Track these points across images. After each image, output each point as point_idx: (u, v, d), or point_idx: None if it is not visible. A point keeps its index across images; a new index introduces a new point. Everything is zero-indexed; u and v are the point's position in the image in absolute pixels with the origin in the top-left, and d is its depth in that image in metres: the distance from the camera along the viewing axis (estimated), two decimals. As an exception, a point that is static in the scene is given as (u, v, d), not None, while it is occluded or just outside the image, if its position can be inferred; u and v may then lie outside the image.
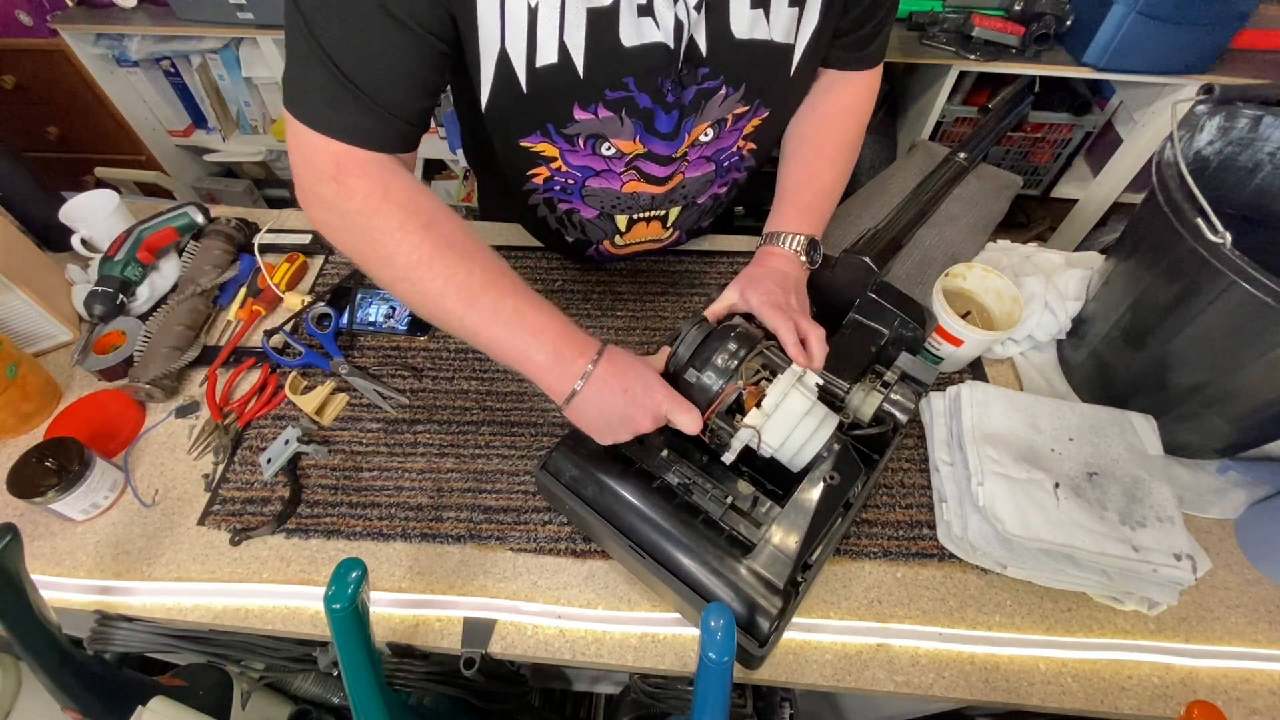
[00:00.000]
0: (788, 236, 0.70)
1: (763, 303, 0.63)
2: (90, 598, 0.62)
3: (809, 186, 0.73)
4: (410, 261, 0.51)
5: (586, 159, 0.64)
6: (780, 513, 0.54)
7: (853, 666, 0.57)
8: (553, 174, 0.67)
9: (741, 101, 0.62)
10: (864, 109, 0.74)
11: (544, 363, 0.53)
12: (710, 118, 0.63)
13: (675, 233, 0.81)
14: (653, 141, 0.62)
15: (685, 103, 0.59)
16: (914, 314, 0.65)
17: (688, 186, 0.71)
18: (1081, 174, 1.72)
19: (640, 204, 0.71)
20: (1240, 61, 1.37)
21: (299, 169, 0.53)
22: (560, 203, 0.72)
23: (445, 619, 0.60)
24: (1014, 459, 0.62)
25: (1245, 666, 0.58)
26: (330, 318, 0.79)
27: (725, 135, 0.66)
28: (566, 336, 0.54)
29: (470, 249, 0.53)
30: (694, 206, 0.76)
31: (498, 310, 0.52)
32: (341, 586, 0.42)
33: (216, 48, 1.63)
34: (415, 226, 0.51)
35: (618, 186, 0.68)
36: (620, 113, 0.59)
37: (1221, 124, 0.66)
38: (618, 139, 0.62)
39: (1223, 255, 0.53)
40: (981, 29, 1.37)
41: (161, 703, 0.55)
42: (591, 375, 0.53)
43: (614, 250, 0.81)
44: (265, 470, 0.68)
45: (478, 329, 0.53)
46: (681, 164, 0.67)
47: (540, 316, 0.53)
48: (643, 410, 0.54)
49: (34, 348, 0.80)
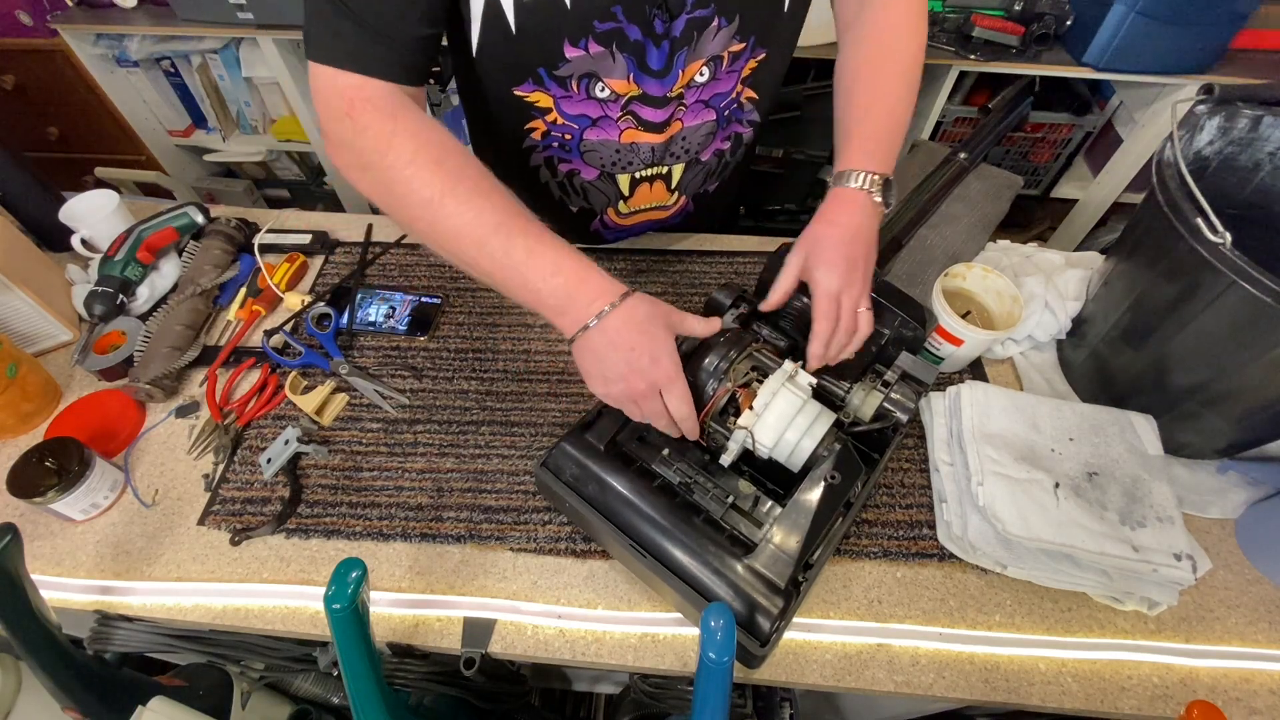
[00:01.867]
0: (859, 175, 0.61)
1: (819, 287, 0.58)
2: (90, 598, 0.62)
3: (875, 117, 0.64)
4: (423, 198, 0.52)
5: (582, 105, 0.64)
6: (781, 512, 0.54)
7: (853, 666, 0.57)
8: (549, 127, 0.67)
9: (736, 37, 0.62)
10: (917, 24, 0.66)
11: (556, 305, 0.53)
12: (704, 54, 0.62)
13: (681, 198, 0.79)
14: (646, 81, 0.62)
15: (676, 35, 0.58)
16: (914, 313, 0.65)
17: (688, 138, 0.70)
18: (1081, 174, 1.72)
19: (640, 158, 0.70)
20: (1240, 61, 1.37)
21: (320, 115, 0.55)
22: (561, 162, 0.72)
23: (445, 619, 0.60)
24: (1014, 459, 0.62)
25: (1245, 666, 0.58)
26: (330, 318, 0.79)
27: (723, 77, 0.65)
28: (582, 277, 0.52)
29: (483, 186, 0.53)
30: (698, 165, 0.75)
31: (510, 250, 0.52)
32: (341, 586, 0.42)
33: (216, 48, 1.63)
34: (426, 160, 0.52)
35: (615, 136, 0.67)
36: (611, 46, 0.58)
37: (1221, 124, 0.66)
38: (610, 78, 0.61)
39: (1223, 255, 0.53)
40: (981, 29, 1.37)
41: (161, 703, 0.55)
42: (606, 320, 0.52)
43: (619, 220, 0.80)
44: (265, 470, 0.68)
45: (490, 270, 0.53)
46: (678, 108, 0.66)
47: (555, 256, 0.52)
48: (639, 376, 0.52)
49: (34, 348, 0.80)
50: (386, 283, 0.87)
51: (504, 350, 0.79)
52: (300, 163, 1.95)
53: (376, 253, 0.90)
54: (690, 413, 0.54)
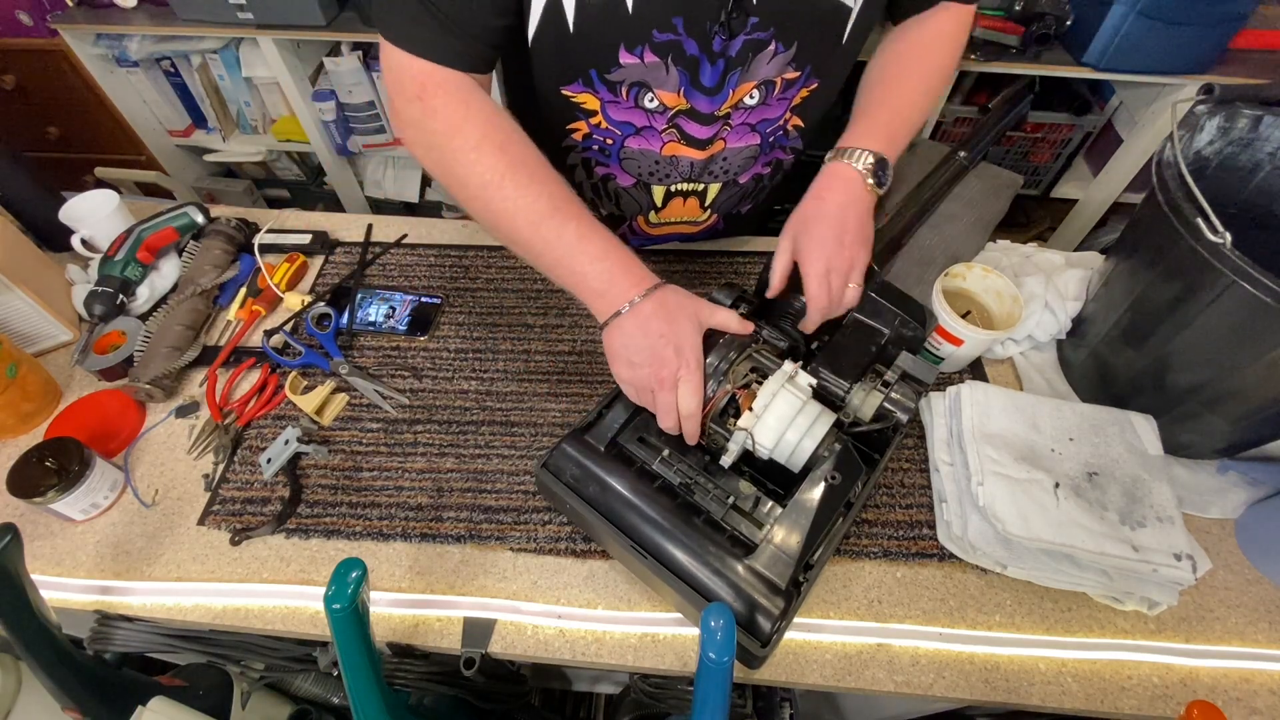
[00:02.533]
0: (855, 152, 0.62)
1: (809, 266, 0.59)
2: (90, 598, 0.62)
3: (889, 105, 0.66)
4: (483, 180, 0.55)
5: (628, 112, 0.64)
6: (782, 513, 0.54)
7: (853, 666, 0.57)
8: (591, 130, 0.67)
9: (792, 65, 0.61)
10: (958, 36, 0.69)
11: (598, 287, 0.55)
12: (757, 77, 0.62)
13: (713, 215, 0.79)
14: (696, 97, 0.62)
15: (732, 54, 0.58)
16: (914, 313, 0.65)
17: (729, 159, 0.70)
18: (1081, 174, 1.72)
19: (679, 171, 0.70)
20: (1240, 61, 1.37)
21: (391, 93, 0.58)
22: (598, 165, 0.72)
23: (445, 619, 0.60)
24: (1014, 459, 0.62)
25: (1245, 666, 0.58)
26: (330, 318, 0.79)
27: (773, 103, 0.65)
28: (625, 266, 0.55)
29: (540, 174, 0.56)
30: (735, 186, 0.75)
31: (562, 235, 0.55)
32: (341, 586, 0.42)
33: (216, 48, 1.63)
34: (490, 147, 0.55)
35: (657, 148, 0.67)
36: (666, 59, 0.58)
37: (1221, 124, 0.65)
38: (661, 90, 0.61)
39: (1223, 255, 0.53)
40: (981, 29, 1.37)
41: (161, 703, 0.55)
42: (638, 306, 0.54)
43: (648, 229, 0.80)
44: (265, 470, 0.68)
45: (541, 251, 0.56)
46: (724, 127, 0.66)
47: (603, 244, 0.55)
48: (661, 363, 0.53)
49: (34, 348, 0.80)
50: (386, 283, 0.87)
51: (504, 350, 0.79)
52: (300, 163, 1.96)
53: (376, 253, 0.90)
54: (697, 410, 0.54)
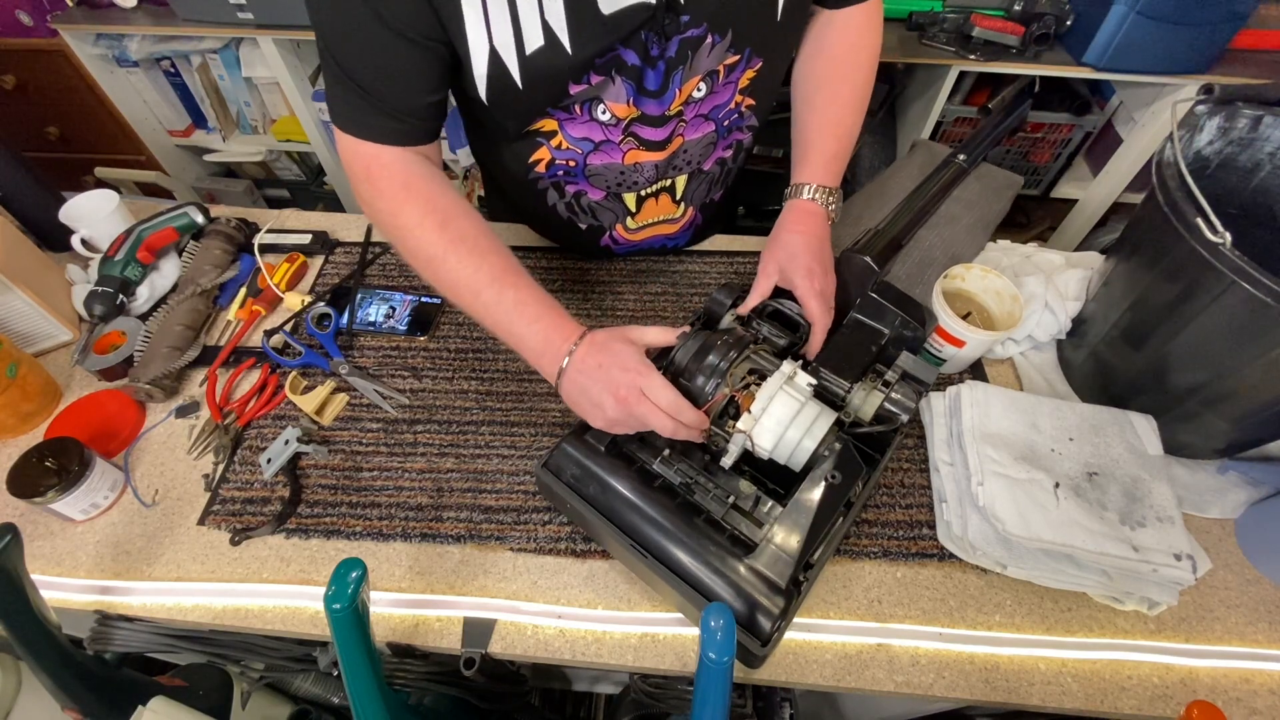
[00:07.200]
0: (817, 189, 0.70)
1: (806, 290, 0.64)
2: (90, 598, 0.62)
3: (832, 134, 0.72)
4: (429, 255, 0.59)
5: (585, 127, 0.65)
6: (782, 512, 0.54)
7: (853, 666, 0.57)
8: (554, 155, 0.69)
9: (731, 50, 0.62)
10: (873, 42, 0.72)
11: (536, 348, 0.58)
12: (701, 70, 0.62)
13: (688, 209, 0.80)
14: (645, 103, 0.63)
15: (670, 55, 0.59)
16: (914, 314, 0.65)
17: (689, 150, 0.71)
18: (1081, 174, 1.72)
19: (645, 176, 0.71)
20: (1240, 61, 1.37)
21: (348, 175, 0.62)
22: (567, 185, 0.73)
23: (445, 619, 0.60)
24: (1014, 459, 0.62)
25: (1245, 666, 0.58)
26: (330, 318, 0.79)
27: (720, 89, 0.66)
28: (557, 325, 0.58)
29: (481, 245, 0.59)
30: (701, 175, 0.76)
31: (500, 302, 0.58)
32: (341, 586, 0.42)
33: (216, 48, 1.62)
34: (432, 224, 0.59)
35: (619, 159, 0.68)
36: (610, 73, 0.60)
37: (1221, 124, 0.66)
38: (612, 102, 0.62)
39: (1223, 255, 0.53)
40: (981, 29, 1.36)
41: (161, 703, 0.55)
42: (573, 355, 0.57)
43: (628, 235, 0.81)
44: (265, 470, 0.68)
45: (483, 317, 0.60)
46: (678, 124, 0.67)
47: (537, 308, 0.59)
48: (619, 386, 0.54)
49: (34, 348, 0.80)
50: (386, 283, 0.87)
51: (504, 350, 0.79)
52: (300, 163, 1.95)
53: (376, 253, 0.90)
54: (676, 398, 0.54)
